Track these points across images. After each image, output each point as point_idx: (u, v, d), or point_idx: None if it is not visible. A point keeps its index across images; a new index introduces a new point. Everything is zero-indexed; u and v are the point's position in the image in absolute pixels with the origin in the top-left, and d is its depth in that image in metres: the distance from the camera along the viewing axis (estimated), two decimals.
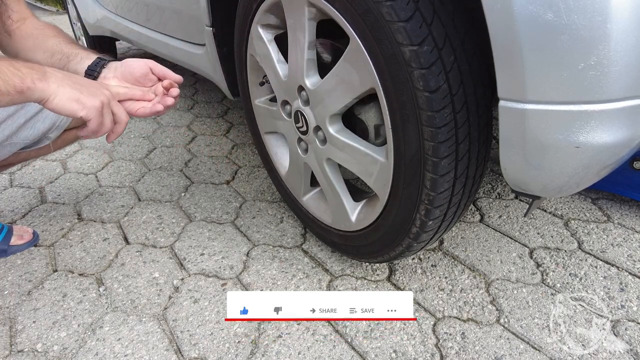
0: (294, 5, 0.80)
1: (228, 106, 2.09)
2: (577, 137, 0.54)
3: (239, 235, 1.16)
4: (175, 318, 0.91)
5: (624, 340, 0.84)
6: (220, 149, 1.66)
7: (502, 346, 0.83)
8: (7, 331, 0.88)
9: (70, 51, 0.85)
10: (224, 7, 1.12)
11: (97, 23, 2.25)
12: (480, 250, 1.08)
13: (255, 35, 0.96)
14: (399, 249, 0.84)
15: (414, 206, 0.73)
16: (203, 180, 1.44)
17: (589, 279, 0.99)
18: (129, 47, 3.37)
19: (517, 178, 0.63)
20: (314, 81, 0.83)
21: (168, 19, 1.47)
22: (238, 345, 0.84)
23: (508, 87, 0.55)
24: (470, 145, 0.68)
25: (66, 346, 0.85)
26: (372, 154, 0.77)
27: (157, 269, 1.04)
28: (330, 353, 0.82)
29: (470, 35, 0.62)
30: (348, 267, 1.04)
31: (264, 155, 1.20)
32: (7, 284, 1.01)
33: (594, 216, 1.20)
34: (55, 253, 1.11)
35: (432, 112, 0.62)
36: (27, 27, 0.90)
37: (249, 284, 0.99)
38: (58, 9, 6.16)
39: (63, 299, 0.96)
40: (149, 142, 1.74)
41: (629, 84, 0.50)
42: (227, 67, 1.24)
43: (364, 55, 0.67)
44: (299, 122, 0.92)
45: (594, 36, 0.47)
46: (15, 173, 1.50)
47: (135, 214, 1.26)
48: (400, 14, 0.59)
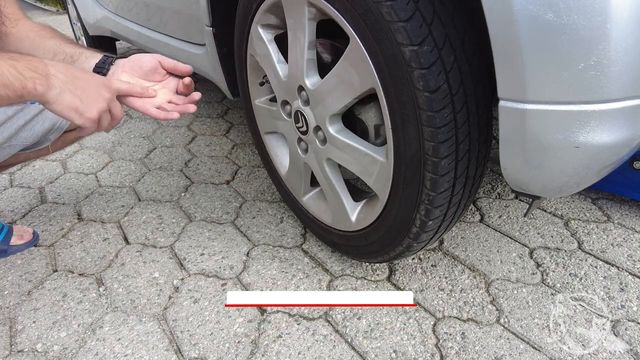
0: (294, 5, 0.80)
1: (228, 106, 2.09)
2: (577, 137, 0.54)
3: (239, 235, 1.16)
4: (175, 318, 0.91)
5: (624, 340, 0.84)
6: (220, 149, 1.66)
7: (502, 346, 0.83)
8: (7, 331, 0.88)
9: (73, 51, 0.85)
10: (224, 7, 1.12)
11: (97, 23, 2.25)
12: (480, 250, 1.08)
13: (255, 35, 0.96)
14: (399, 249, 0.84)
15: (414, 206, 0.73)
16: (203, 180, 1.44)
17: (589, 279, 0.99)
18: (129, 47, 3.37)
19: (517, 178, 0.63)
20: (314, 81, 0.83)
21: (168, 19, 1.47)
22: (238, 345, 0.84)
23: (508, 87, 0.55)
24: (470, 145, 0.68)
25: (66, 346, 0.85)
26: (372, 154, 0.77)
27: (157, 269, 1.04)
28: (330, 353, 0.82)
29: (470, 35, 0.62)
30: (348, 267, 1.04)
31: (264, 155, 1.20)
32: (7, 284, 1.01)
33: (594, 216, 1.20)
34: (55, 253, 1.11)
35: (432, 112, 0.62)
36: (22, 29, 0.89)
37: (249, 284, 0.99)
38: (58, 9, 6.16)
39: (63, 299, 0.96)
40: (149, 142, 1.74)
41: (629, 84, 0.50)
42: (227, 67, 1.24)
43: (364, 55, 0.67)
44: (299, 122, 0.92)
45: (594, 36, 0.47)
46: (15, 173, 1.50)
47: (135, 214, 1.26)
48: (400, 14, 0.59)
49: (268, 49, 0.94)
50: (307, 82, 0.84)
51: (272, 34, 0.94)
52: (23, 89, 0.63)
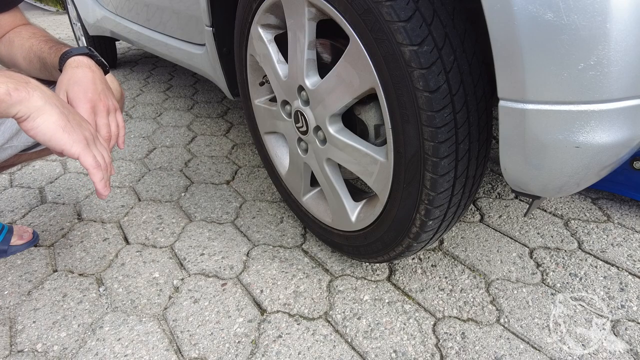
0: (294, 5, 0.80)
1: (228, 106, 2.09)
2: (577, 137, 0.54)
3: (239, 235, 1.16)
4: (175, 318, 0.91)
5: (624, 340, 0.84)
6: (220, 149, 1.66)
7: (502, 346, 0.83)
8: (7, 331, 0.88)
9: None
10: (224, 7, 1.12)
11: (97, 23, 2.25)
12: (480, 250, 1.08)
13: (255, 35, 0.96)
14: (399, 249, 0.84)
15: (414, 206, 0.73)
16: (203, 180, 1.44)
17: (589, 279, 0.99)
18: (129, 47, 3.37)
19: (517, 178, 0.63)
20: (314, 81, 0.83)
21: (168, 19, 1.47)
22: (238, 345, 0.84)
23: (508, 87, 0.55)
24: (470, 145, 0.68)
25: (66, 346, 0.85)
26: (372, 154, 0.77)
27: (157, 269, 1.04)
28: (330, 353, 0.82)
29: (470, 35, 0.63)
30: (348, 267, 1.04)
31: (264, 155, 1.20)
32: (7, 284, 1.01)
33: (594, 216, 1.20)
34: (55, 253, 1.11)
35: (432, 112, 0.62)
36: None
37: (249, 284, 0.99)
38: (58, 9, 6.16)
39: (63, 299, 0.96)
40: (149, 142, 1.74)
41: (629, 84, 0.50)
42: (227, 67, 1.24)
43: (364, 55, 0.67)
44: (298, 122, 0.92)
45: (594, 36, 0.47)
46: (15, 173, 1.50)
47: (135, 214, 1.26)
48: (400, 14, 0.59)
49: (268, 49, 0.94)
50: (307, 82, 0.84)
51: (272, 34, 0.94)
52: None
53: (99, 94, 0.73)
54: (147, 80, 2.55)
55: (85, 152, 0.60)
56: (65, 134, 0.58)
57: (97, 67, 0.79)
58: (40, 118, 0.56)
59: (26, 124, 0.56)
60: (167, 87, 2.41)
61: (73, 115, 0.62)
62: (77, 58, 0.77)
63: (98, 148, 0.64)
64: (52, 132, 0.57)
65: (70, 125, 0.59)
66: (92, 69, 0.76)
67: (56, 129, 0.57)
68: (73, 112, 0.64)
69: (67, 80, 0.72)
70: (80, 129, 0.61)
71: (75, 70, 0.74)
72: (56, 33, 4.06)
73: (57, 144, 0.58)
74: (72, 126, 0.60)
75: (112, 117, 0.75)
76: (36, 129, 0.57)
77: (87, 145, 0.61)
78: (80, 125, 0.62)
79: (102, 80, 0.77)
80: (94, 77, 0.75)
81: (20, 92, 0.55)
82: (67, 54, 0.77)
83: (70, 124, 0.59)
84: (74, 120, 0.61)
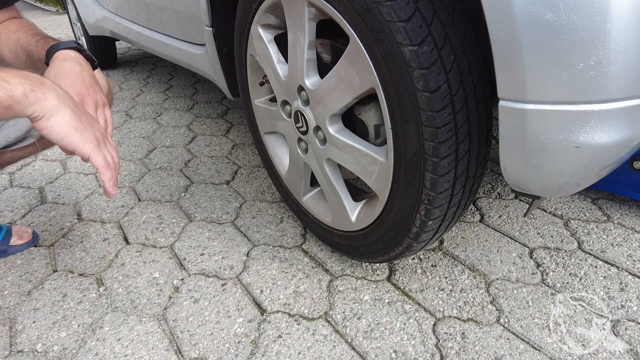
0: (293, 5, 0.80)
1: (228, 106, 2.09)
2: (577, 137, 0.54)
3: (239, 235, 1.16)
4: (175, 318, 0.91)
5: (624, 340, 0.84)
6: (220, 149, 1.66)
7: (502, 346, 0.83)
8: (7, 331, 0.88)
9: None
10: (224, 7, 1.12)
11: (97, 23, 2.25)
12: (480, 250, 1.08)
13: (255, 35, 0.96)
14: (399, 249, 0.84)
15: (414, 206, 0.73)
16: (203, 180, 1.44)
17: (589, 279, 0.99)
18: (129, 47, 3.37)
19: (517, 178, 0.63)
20: (314, 81, 0.83)
21: (168, 19, 1.47)
22: (238, 345, 0.84)
23: (508, 87, 0.55)
24: (470, 145, 0.68)
25: (66, 346, 0.85)
26: (372, 154, 0.77)
27: (157, 269, 1.04)
28: (330, 353, 0.82)
29: (470, 35, 0.63)
30: (348, 267, 1.04)
31: (264, 155, 1.20)
32: (7, 284, 1.01)
33: (594, 216, 1.20)
34: (55, 253, 1.11)
35: (432, 112, 0.62)
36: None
37: (249, 284, 0.99)
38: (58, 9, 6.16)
39: (63, 299, 0.96)
40: (149, 142, 1.74)
41: (629, 84, 0.50)
42: (227, 67, 1.24)
43: (363, 55, 0.67)
44: (298, 122, 0.92)
45: (594, 36, 0.47)
46: (15, 173, 1.50)
47: (135, 214, 1.26)
48: (400, 14, 0.59)
49: (268, 49, 0.94)
50: (307, 82, 0.84)
51: (272, 34, 0.94)
52: (10, 98, 0.54)
53: (87, 88, 0.73)
54: (147, 80, 2.55)
55: (96, 151, 0.61)
56: (78, 134, 0.59)
57: (85, 61, 0.78)
58: (54, 118, 0.57)
59: (40, 123, 0.58)
60: (167, 87, 2.41)
61: (85, 116, 0.63)
62: (65, 52, 0.76)
63: (107, 148, 0.65)
64: (65, 131, 0.58)
65: (82, 125, 0.60)
66: (80, 63, 0.75)
67: (69, 129, 0.58)
68: (85, 112, 0.65)
69: (54, 73, 0.72)
70: (91, 129, 0.62)
71: (63, 64, 0.73)
72: (56, 33, 4.06)
73: (69, 143, 0.59)
74: (84, 126, 0.61)
75: (100, 112, 0.75)
76: (49, 128, 0.58)
77: (98, 145, 0.62)
78: (91, 126, 0.63)
79: (91, 75, 0.76)
80: (82, 71, 0.74)
81: (37, 93, 0.56)
82: (54, 48, 0.76)
83: (82, 124, 0.60)
84: (86, 120, 0.62)
